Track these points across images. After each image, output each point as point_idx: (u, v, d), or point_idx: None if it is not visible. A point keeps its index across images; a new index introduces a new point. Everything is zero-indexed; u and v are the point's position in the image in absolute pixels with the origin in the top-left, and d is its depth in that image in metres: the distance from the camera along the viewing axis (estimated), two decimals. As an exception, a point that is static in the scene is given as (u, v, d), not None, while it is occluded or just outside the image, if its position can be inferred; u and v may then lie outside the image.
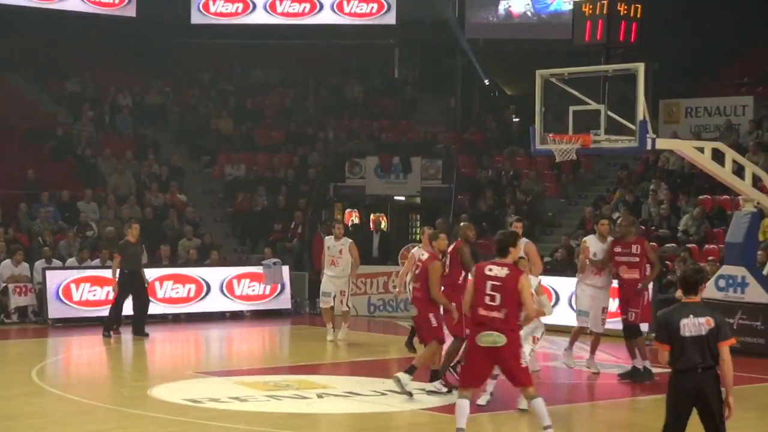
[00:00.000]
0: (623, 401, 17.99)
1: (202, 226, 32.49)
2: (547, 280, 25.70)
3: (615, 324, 20.29)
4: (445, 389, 17.08)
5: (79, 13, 37.23)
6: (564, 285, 25.41)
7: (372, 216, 35.87)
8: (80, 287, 26.80)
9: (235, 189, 34.80)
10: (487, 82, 40.78)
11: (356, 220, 35.75)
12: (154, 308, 26.39)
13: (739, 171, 22.82)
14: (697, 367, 10.60)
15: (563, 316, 24.95)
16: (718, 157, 22.09)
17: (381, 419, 15.98)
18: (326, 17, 38.50)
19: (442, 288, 16.99)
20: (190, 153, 37.11)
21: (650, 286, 19.82)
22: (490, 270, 13.25)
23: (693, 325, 10.60)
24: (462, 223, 18.84)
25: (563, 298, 25.47)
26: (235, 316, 28.50)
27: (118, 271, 24.33)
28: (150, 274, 26.12)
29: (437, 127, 38.34)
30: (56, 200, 31.53)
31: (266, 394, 17.25)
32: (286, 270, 28.92)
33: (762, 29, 37.94)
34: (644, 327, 19.85)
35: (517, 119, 37.75)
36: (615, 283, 19.68)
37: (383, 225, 34.66)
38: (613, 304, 20.24)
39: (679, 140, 26.56)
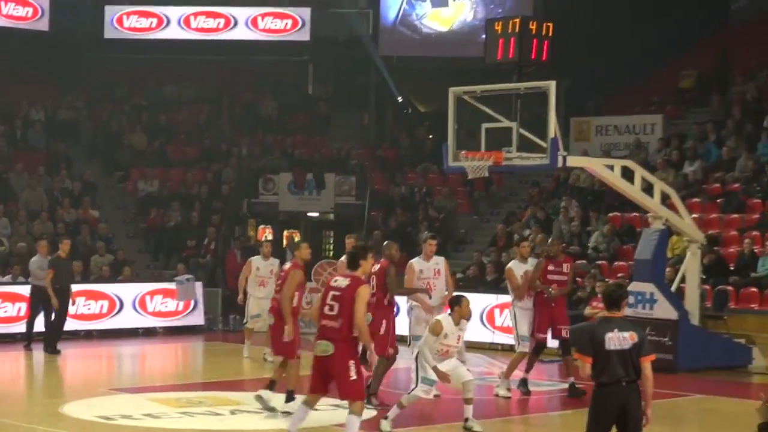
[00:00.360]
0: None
1: (114, 241, 32.26)
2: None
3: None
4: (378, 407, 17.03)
5: (-10, 27, 36.93)
6: (476, 301, 25.56)
7: (285, 232, 35.81)
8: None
9: (149, 205, 34.60)
10: (400, 99, 40.91)
11: (269, 237, 35.65)
12: (67, 324, 26.13)
13: (648, 188, 23.05)
14: (621, 381, 10.70)
15: (476, 332, 25.18)
16: (627, 174, 22.35)
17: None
18: (241, 33, 38.40)
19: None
20: (103, 168, 36.83)
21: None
22: (336, 281, 13.36)
23: (618, 339, 10.71)
24: (386, 242, 18.76)
25: (475, 314, 25.58)
26: (148, 333, 28.31)
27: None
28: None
29: (351, 144, 38.38)
30: (-33, 216, 31.21)
31: (179, 410, 17.14)
32: (199, 286, 28.80)
33: (669, 50, 38.53)
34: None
35: (430, 136, 37.89)
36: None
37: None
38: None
39: (589, 158, 26.86)
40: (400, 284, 18.24)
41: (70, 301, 24.80)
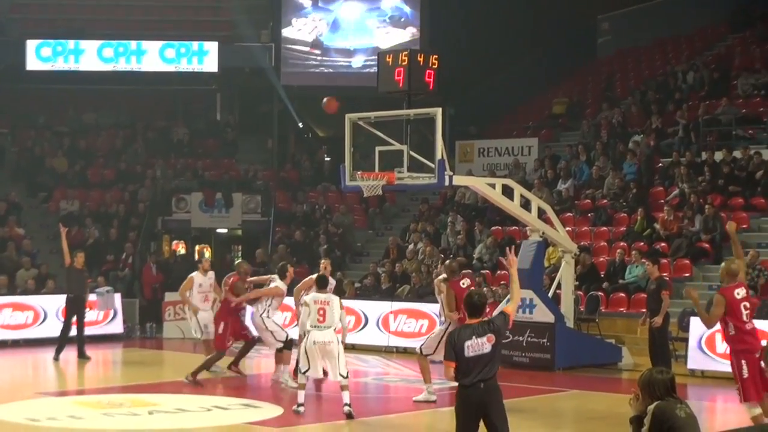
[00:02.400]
0: (427, 412, 18.15)
1: (39, 257, 31.81)
2: (357, 304, 26.03)
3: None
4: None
5: None
6: (373, 308, 25.75)
7: (197, 247, 35.58)
8: None
9: (70, 222, 34.12)
10: (301, 124, 40.94)
11: (183, 251, 35.40)
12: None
13: (526, 204, 23.25)
14: (480, 383, 10.54)
15: (371, 336, 25.28)
16: (507, 192, 22.53)
17: (208, 433, 15.91)
18: (153, 65, 38.05)
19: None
20: (28, 189, 36.35)
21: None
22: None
23: (476, 346, 10.55)
24: (237, 262, 21.71)
25: (371, 320, 25.67)
26: (71, 340, 27.90)
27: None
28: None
29: (256, 166, 38.25)
30: None
31: (101, 412, 16.96)
32: (118, 297, 28.46)
33: (543, 79, 39.04)
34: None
35: (328, 158, 37.92)
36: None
37: (207, 255, 34.37)
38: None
39: (473, 177, 27.04)
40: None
41: (87, 308, 24.69)
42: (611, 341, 23.62)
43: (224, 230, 35.99)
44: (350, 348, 25.16)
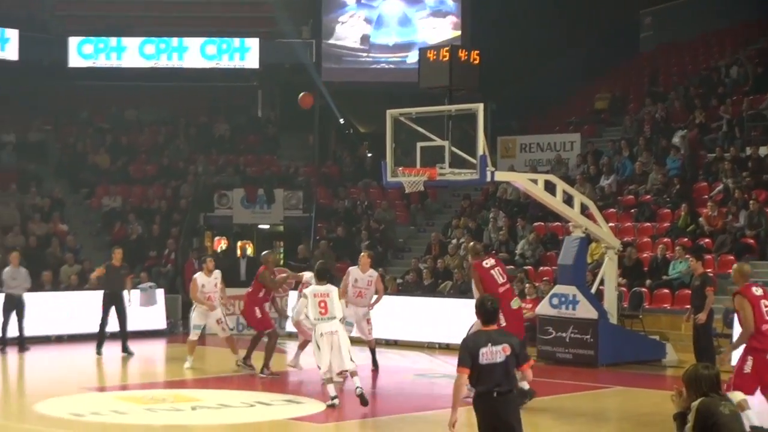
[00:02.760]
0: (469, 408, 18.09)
1: (82, 253, 32.02)
2: (399, 300, 26.04)
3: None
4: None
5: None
6: (413, 304, 25.78)
7: (239, 243, 35.68)
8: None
9: (113, 219, 34.40)
10: (342, 120, 40.99)
11: (224, 247, 35.55)
12: (38, 329, 25.97)
13: (568, 200, 23.20)
14: (492, 392, 10.12)
15: (414, 332, 25.28)
16: (549, 187, 22.46)
17: (252, 428, 15.95)
18: (195, 61, 38.37)
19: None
20: (71, 186, 36.62)
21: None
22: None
23: (490, 354, 10.12)
24: (264, 252, 21.82)
25: (412, 316, 25.66)
26: (114, 336, 28.05)
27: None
28: (33, 298, 25.70)
29: (297, 162, 38.36)
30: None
31: (144, 407, 17.08)
32: (161, 293, 28.60)
33: (585, 74, 38.92)
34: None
35: (369, 154, 37.95)
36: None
37: (249, 251, 34.49)
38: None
39: (515, 173, 26.97)
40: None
41: (128, 303, 24.78)
42: (655, 337, 23.53)
43: (266, 226, 36.08)
44: (393, 344, 25.31)
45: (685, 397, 8.85)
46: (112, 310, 24.53)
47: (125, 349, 24.37)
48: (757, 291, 13.88)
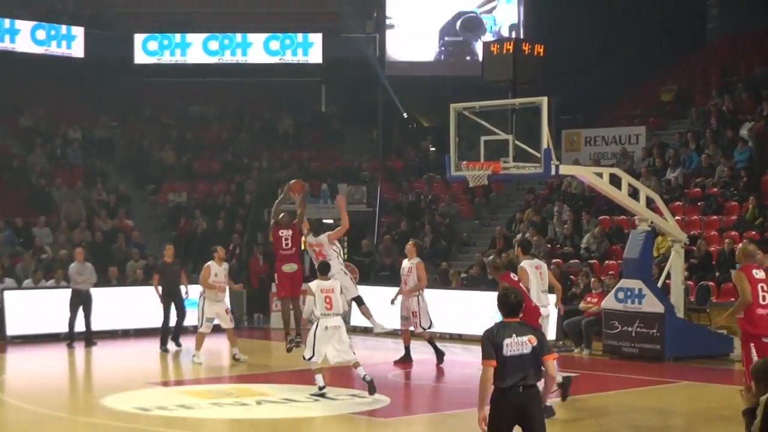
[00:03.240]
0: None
1: (147, 248, 32.26)
2: (464, 294, 25.97)
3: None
4: None
5: (32, 55, 37.10)
6: (479, 298, 25.62)
7: (302, 238, 35.68)
8: (36, 306, 26.47)
9: (178, 214, 34.65)
10: (405, 115, 40.98)
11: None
12: (104, 324, 26.15)
13: (634, 194, 23.05)
14: (518, 386, 9.82)
15: (478, 326, 25.06)
16: (615, 181, 22.33)
17: (317, 423, 15.97)
18: (259, 57, 38.58)
19: None
20: (136, 182, 36.93)
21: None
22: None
23: (516, 345, 9.85)
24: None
25: (476, 310, 25.53)
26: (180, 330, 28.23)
27: (160, 288, 24.59)
28: (100, 293, 25.90)
29: (361, 156, 38.43)
30: (11, 226, 31.25)
31: (210, 401, 17.14)
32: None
33: (650, 66, 38.56)
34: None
35: (433, 148, 37.90)
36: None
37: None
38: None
39: (580, 166, 26.86)
40: None
41: (185, 297, 24.93)
42: (722, 332, 23.27)
43: (330, 221, 36.10)
44: (457, 338, 25.24)
45: (754, 392, 8.74)
46: (172, 307, 24.65)
47: (175, 339, 24.61)
48: (758, 273, 13.97)
